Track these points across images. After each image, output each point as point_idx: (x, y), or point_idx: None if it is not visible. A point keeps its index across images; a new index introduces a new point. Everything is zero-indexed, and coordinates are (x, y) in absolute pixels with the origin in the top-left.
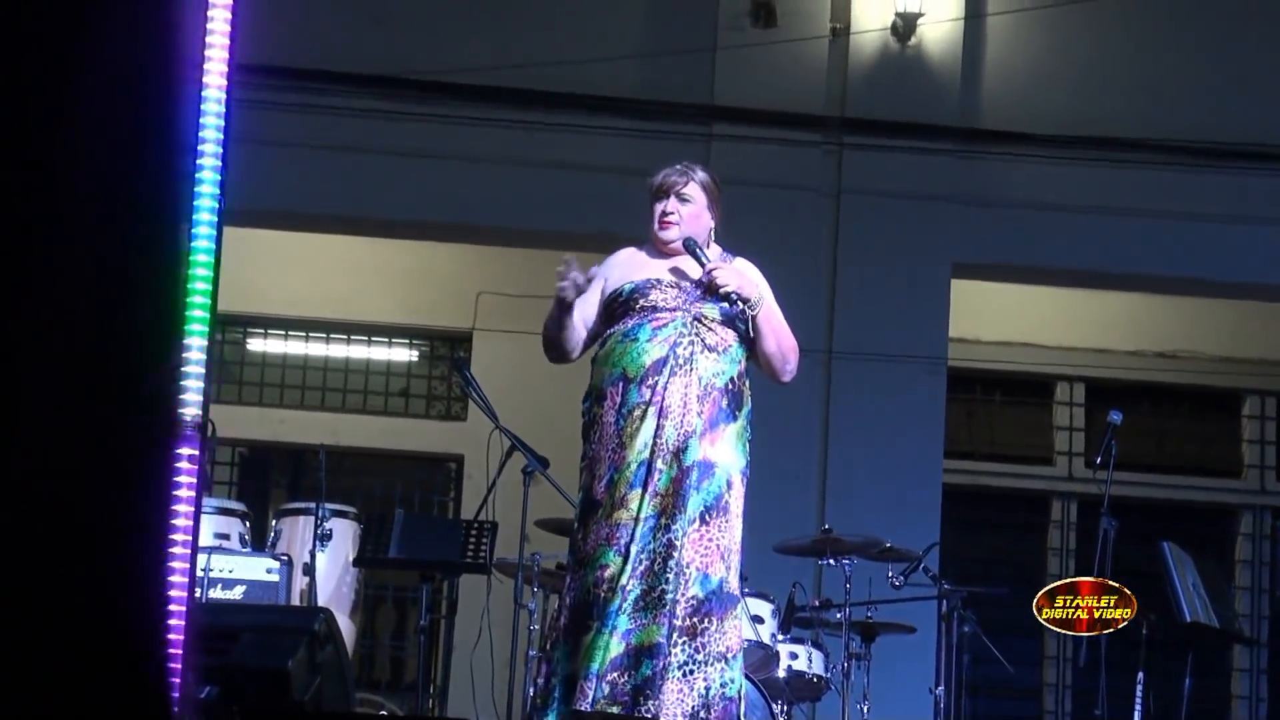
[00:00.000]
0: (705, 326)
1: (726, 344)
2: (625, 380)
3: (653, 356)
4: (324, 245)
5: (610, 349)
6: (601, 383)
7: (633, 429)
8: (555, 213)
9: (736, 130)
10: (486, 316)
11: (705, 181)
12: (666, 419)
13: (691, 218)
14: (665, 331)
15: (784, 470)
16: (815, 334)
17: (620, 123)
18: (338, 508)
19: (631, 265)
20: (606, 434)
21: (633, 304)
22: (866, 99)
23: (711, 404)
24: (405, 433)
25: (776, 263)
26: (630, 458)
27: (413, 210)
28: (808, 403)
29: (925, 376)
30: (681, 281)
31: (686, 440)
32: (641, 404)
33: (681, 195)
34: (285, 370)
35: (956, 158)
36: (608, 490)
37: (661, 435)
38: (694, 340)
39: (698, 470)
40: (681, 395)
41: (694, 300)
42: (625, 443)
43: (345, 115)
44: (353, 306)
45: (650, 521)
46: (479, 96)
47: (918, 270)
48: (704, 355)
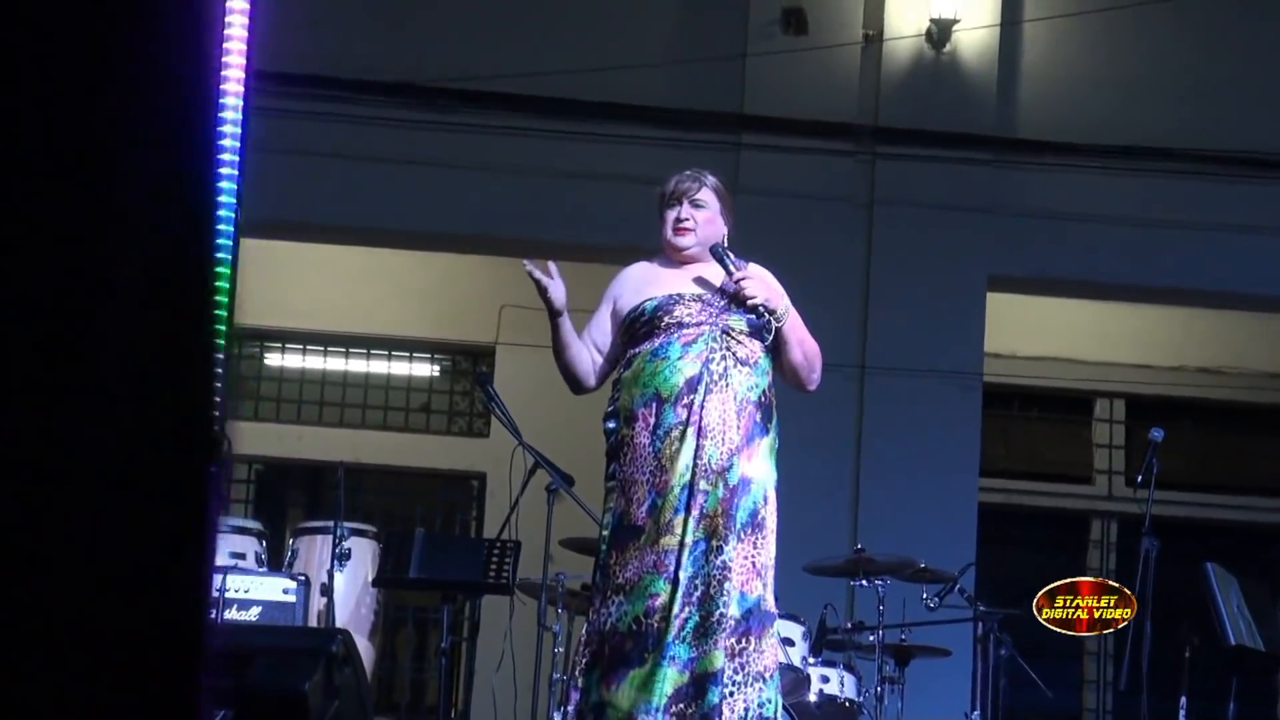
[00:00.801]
0: (734, 339)
1: (755, 356)
2: (659, 401)
3: (685, 375)
4: (343, 257)
5: (639, 369)
6: (632, 404)
7: (672, 451)
8: (581, 224)
9: (767, 140)
10: (510, 330)
11: (717, 186)
12: (707, 438)
13: (706, 223)
14: (695, 347)
15: (815, 488)
16: (848, 348)
17: (649, 132)
18: (356, 526)
19: (647, 281)
20: (641, 456)
21: (657, 321)
22: (900, 107)
23: (747, 419)
24: (426, 450)
25: (808, 275)
26: (673, 481)
27: (435, 221)
28: (840, 418)
29: (960, 392)
30: (704, 294)
31: (730, 459)
32: (679, 424)
33: (695, 201)
34: (304, 385)
35: (993, 168)
36: (650, 515)
37: (703, 456)
38: (725, 355)
39: (740, 488)
40: (720, 413)
41: (720, 312)
42: (666, 465)
43: (367, 124)
44: (373, 320)
45: (700, 545)
46: (505, 105)
47: (952, 283)
48: (737, 370)
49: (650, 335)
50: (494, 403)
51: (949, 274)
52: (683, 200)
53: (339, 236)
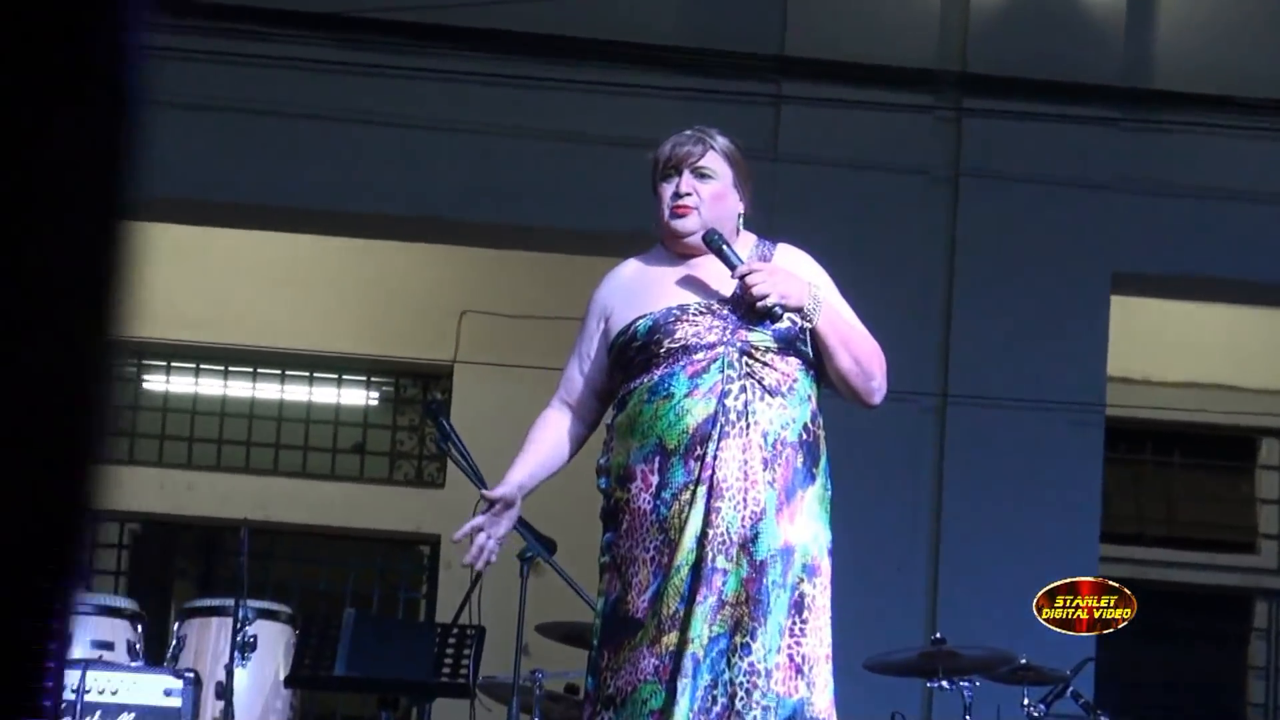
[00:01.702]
0: (758, 361)
1: (791, 379)
2: (663, 453)
3: (697, 417)
4: (248, 248)
5: (635, 412)
6: (628, 458)
7: (680, 519)
8: (571, 203)
9: (815, 91)
10: (472, 344)
11: (729, 150)
12: (722, 499)
13: (714, 200)
14: (707, 379)
15: (881, 556)
16: (924, 371)
17: (662, 80)
18: (265, 606)
19: (640, 288)
20: (641, 526)
21: (655, 346)
22: (995, 49)
23: (784, 467)
24: (360, 504)
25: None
26: (679, 558)
27: (375, 200)
28: (913, 465)
29: (1075, 430)
30: (713, 302)
31: (755, 525)
32: (690, 483)
33: (699, 169)
34: (195, 418)
35: (1120, 129)
36: (652, 605)
37: (717, 523)
38: (747, 384)
39: (778, 562)
40: (740, 464)
41: (737, 327)
42: (672, 538)
43: (277, 67)
44: (289, 331)
45: (720, 643)
46: (472, 44)
47: (1065, 283)
48: (763, 403)
49: (648, 365)
50: (450, 441)
51: (1060, 271)
52: (682, 169)
53: (244, 219)
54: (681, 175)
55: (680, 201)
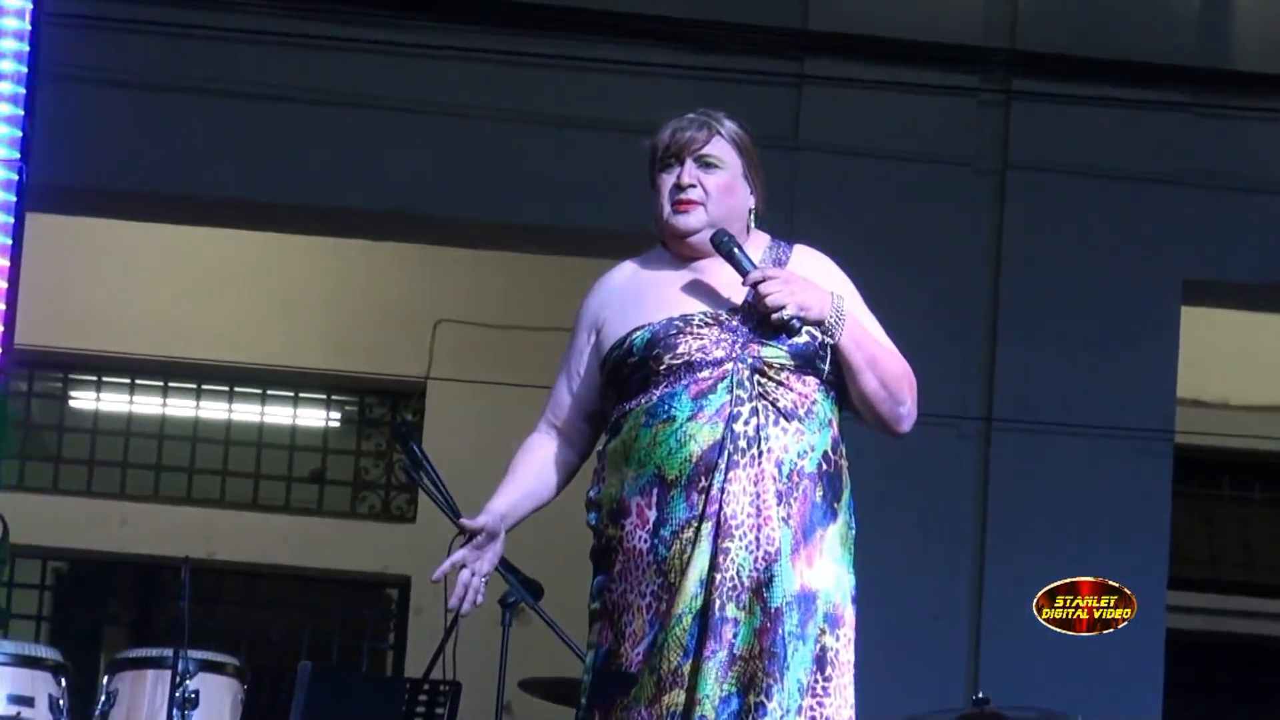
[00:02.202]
0: (772, 380)
1: (809, 401)
2: (662, 485)
3: (701, 444)
4: (191, 247)
5: (631, 438)
6: (622, 490)
7: (682, 560)
8: (562, 198)
9: (840, 69)
10: (448, 358)
11: (737, 134)
12: (730, 538)
13: (721, 193)
14: (713, 400)
15: (916, 603)
16: (966, 392)
17: (667, 57)
18: (209, 657)
19: (637, 295)
20: (636, 568)
21: (654, 363)
22: (1049, 23)
23: (801, 501)
24: (319, 540)
25: (903, 278)
26: (680, 607)
27: (337, 193)
28: (953, 497)
29: (1141, 460)
30: (721, 312)
31: (770, 569)
32: (692, 520)
33: (704, 158)
34: (130, 441)
35: (1193, 114)
36: (648, 658)
37: (726, 565)
38: (759, 407)
39: (795, 610)
40: (751, 498)
41: (748, 341)
42: (672, 582)
43: (224, 40)
44: (238, 342)
45: (732, 703)
46: (452, 13)
47: (1129, 292)
48: (778, 428)
49: (645, 384)
50: (422, 469)
51: (1123, 279)
52: (684, 157)
53: (186, 214)
54: (683, 165)
55: (682, 195)
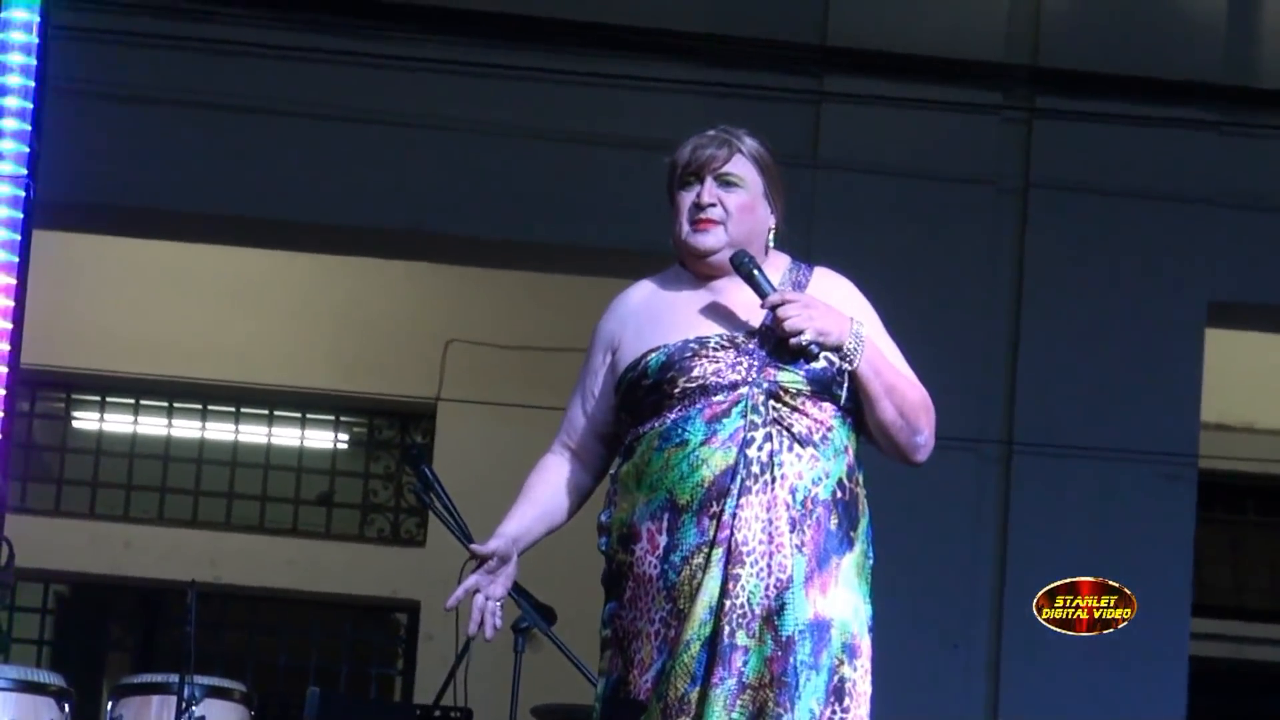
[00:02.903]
0: (788, 405)
1: (825, 427)
2: (673, 510)
3: (714, 469)
4: (198, 265)
5: (643, 462)
6: (633, 515)
7: (691, 586)
8: (576, 216)
9: (861, 86)
10: (458, 379)
11: (759, 153)
12: (742, 565)
13: (742, 212)
14: (727, 425)
15: (934, 632)
16: (987, 415)
17: (683, 72)
18: (216, 683)
19: (653, 316)
20: (646, 594)
21: (668, 385)
22: (1073, 40)
23: (815, 529)
24: (327, 564)
25: (923, 299)
26: (688, 634)
27: (342, 210)
28: (973, 523)
29: (1164, 484)
30: (738, 335)
31: (781, 596)
32: (703, 545)
33: (724, 176)
34: (135, 463)
35: (1220, 134)
36: (656, 686)
37: (736, 593)
38: (773, 432)
39: (808, 637)
40: (763, 525)
41: (764, 365)
42: (681, 609)
43: (231, 54)
44: (245, 362)
45: None
46: (464, 28)
47: (1153, 313)
48: (792, 454)
49: (659, 408)
50: (433, 491)
51: (1147, 300)
52: (704, 176)
53: (193, 232)
54: (703, 183)
55: (702, 214)
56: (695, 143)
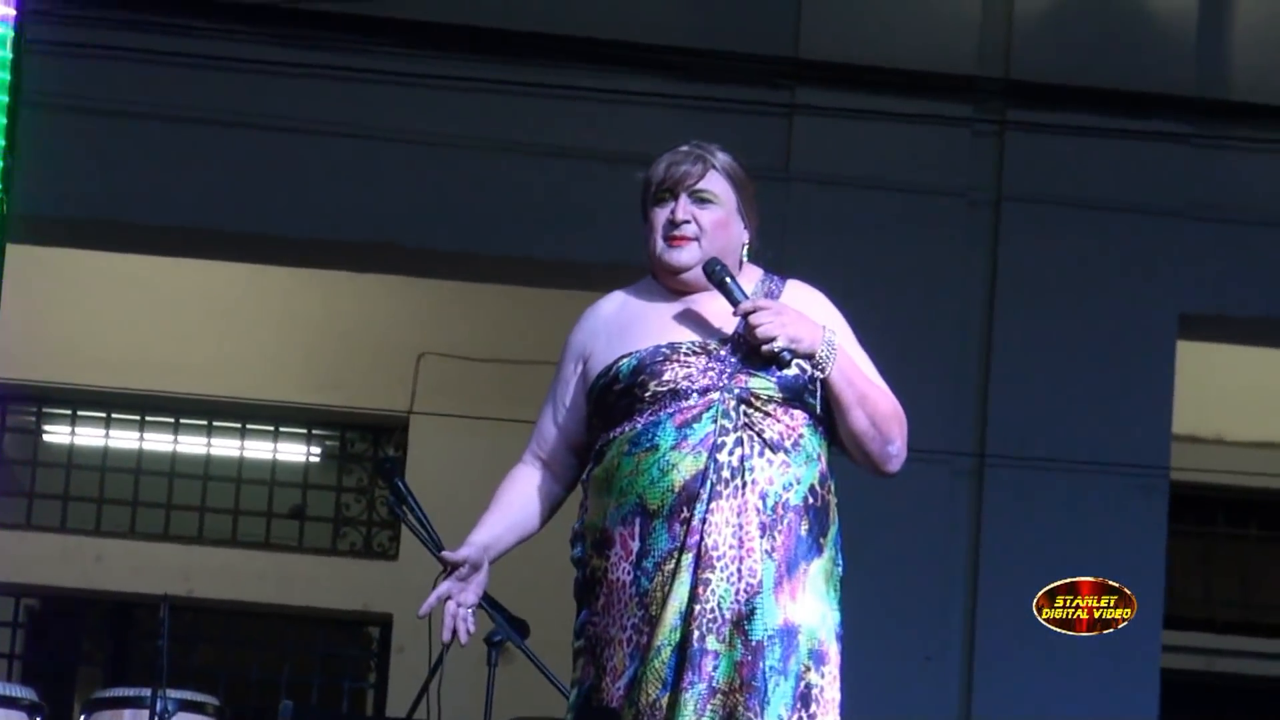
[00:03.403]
0: (759, 411)
1: (796, 434)
2: (644, 515)
3: (684, 473)
4: (169, 279)
5: (614, 466)
6: (604, 520)
7: (662, 592)
8: (549, 229)
9: (833, 98)
10: (431, 392)
11: (733, 169)
12: (711, 570)
13: (716, 229)
14: (698, 430)
15: (907, 643)
16: (959, 428)
17: (655, 86)
18: (189, 697)
19: (625, 325)
20: (619, 600)
21: (639, 390)
22: (1044, 52)
23: (786, 534)
24: (299, 577)
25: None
26: (659, 639)
27: (314, 223)
28: (945, 535)
29: (1136, 496)
30: (710, 342)
31: (751, 601)
32: (674, 551)
33: (698, 193)
34: (105, 476)
35: (1191, 146)
36: (629, 692)
37: (706, 597)
38: (744, 437)
39: (777, 644)
40: (734, 530)
41: (736, 371)
42: (653, 614)
43: (202, 67)
44: (217, 375)
45: None
46: (435, 41)
47: (1124, 325)
48: (763, 459)
49: (630, 412)
50: (405, 504)
51: (1119, 312)
52: (679, 192)
53: (165, 245)
54: (678, 200)
55: (676, 231)
56: (669, 159)
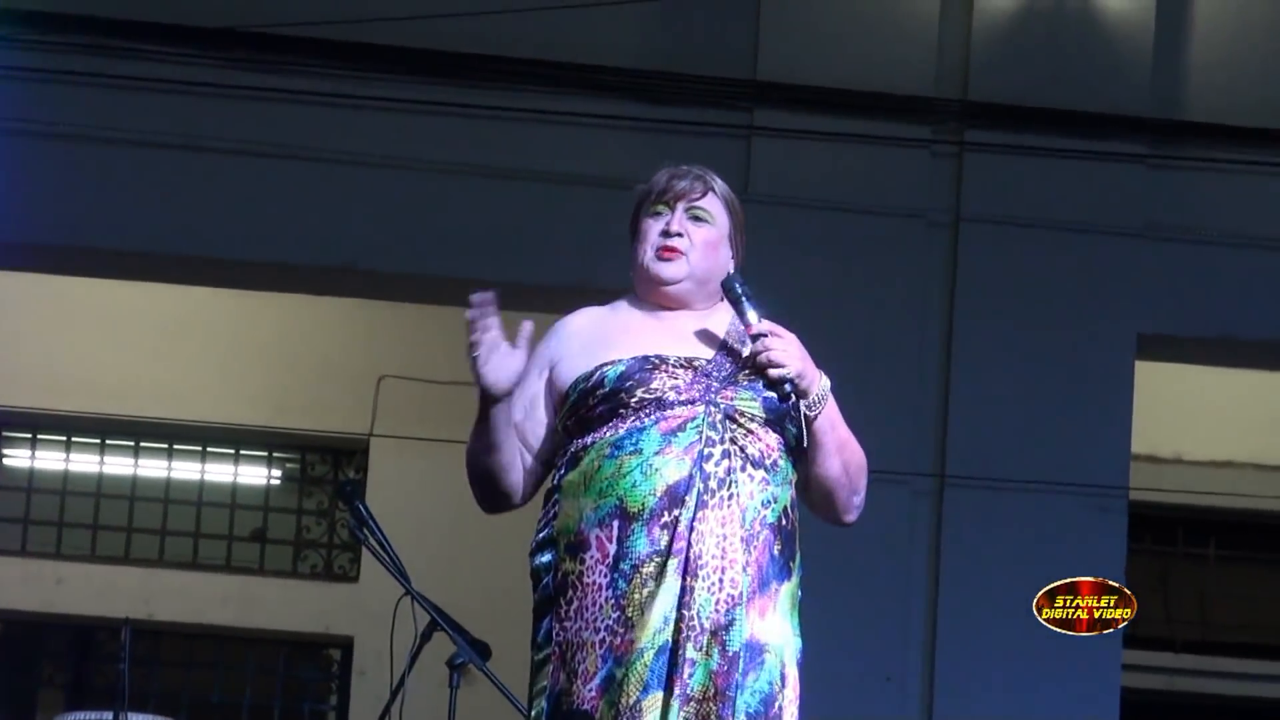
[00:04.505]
0: (742, 427)
1: (774, 454)
2: (623, 517)
3: (668, 478)
4: (130, 303)
5: (592, 469)
6: (579, 522)
7: (642, 596)
8: (508, 252)
9: (791, 120)
10: (391, 414)
11: (729, 197)
12: (695, 578)
13: (708, 248)
14: (683, 438)
15: (866, 665)
16: (918, 448)
17: (613, 108)
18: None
19: (604, 336)
20: (594, 603)
21: (625, 395)
22: (1002, 74)
23: (761, 551)
24: (260, 600)
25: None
26: (642, 642)
27: (274, 247)
28: (904, 556)
29: (1094, 516)
30: (697, 358)
31: (731, 612)
32: (656, 555)
33: (696, 210)
34: (65, 499)
35: (1149, 167)
36: (605, 694)
37: (691, 605)
38: (730, 450)
39: (745, 657)
40: (718, 540)
41: (724, 385)
42: (629, 617)
43: (157, 91)
44: (178, 399)
45: None
46: (387, 64)
47: (1083, 346)
48: (746, 474)
49: (612, 418)
50: (366, 527)
51: (1077, 333)
52: (675, 206)
53: (125, 269)
54: (674, 212)
55: (669, 242)
56: (671, 173)
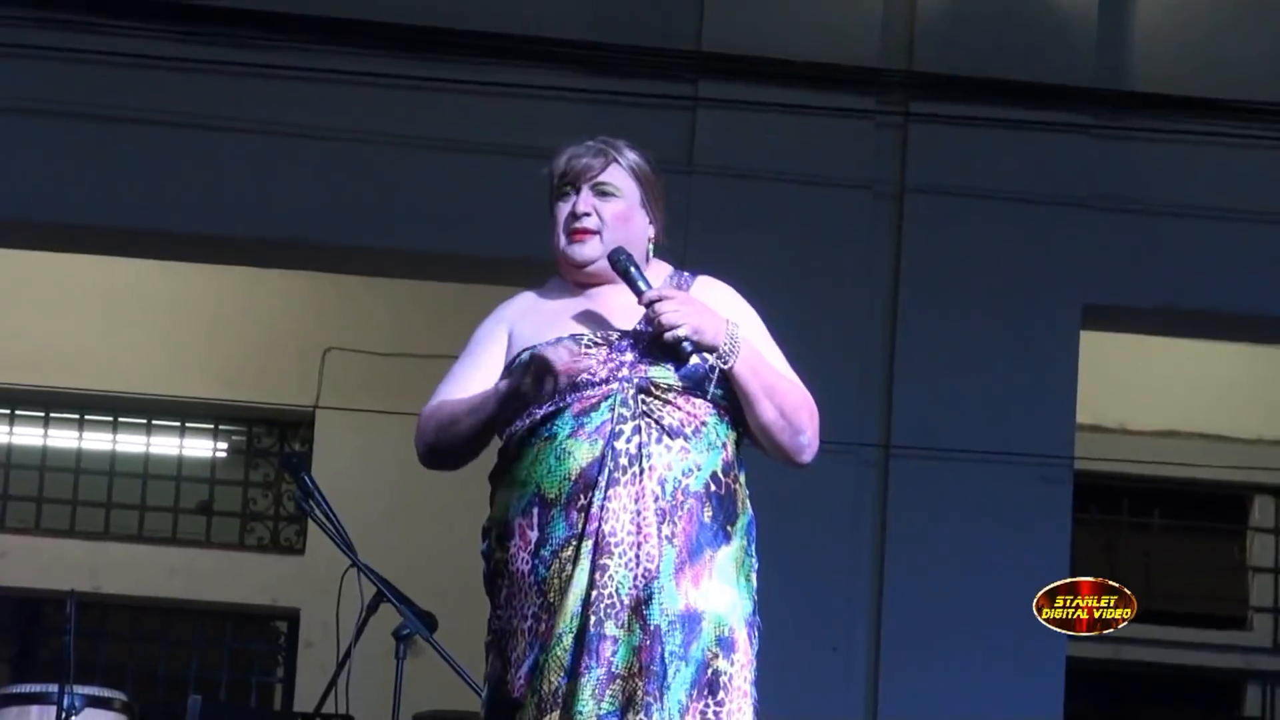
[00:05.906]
0: (658, 399)
1: (698, 421)
2: (542, 504)
3: (581, 460)
4: (73, 275)
5: (515, 458)
6: (506, 512)
7: (561, 580)
8: (453, 224)
9: (736, 91)
10: (337, 387)
11: (638, 165)
12: (609, 556)
13: (618, 221)
14: (595, 418)
15: (813, 634)
16: (863, 419)
17: (557, 79)
18: (95, 692)
19: (530, 322)
20: (520, 593)
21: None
22: (947, 45)
23: (686, 520)
24: (206, 572)
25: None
26: (560, 626)
27: (218, 219)
28: (850, 526)
29: (1039, 486)
30: (610, 334)
31: (649, 586)
32: (573, 539)
33: (600, 186)
34: (9, 473)
35: (1093, 137)
36: (530, 681)
37: (604, 583)
38: (642, 424)
39: (678, 628)
40: (631, 516)
41: (636, 361)
42: (552, 602)
43: (105, 64)
44: (122, 371)
45: None
46: (330, 36)
47: (1028, 316)
48: (661, 446)
49: (532, 405)
50: (313, 499)
51: (1022, 303)
52: (580, 186)
53: (67, 242)
54: (579, 193)
55: (578, 224)
56: (571, 152)
